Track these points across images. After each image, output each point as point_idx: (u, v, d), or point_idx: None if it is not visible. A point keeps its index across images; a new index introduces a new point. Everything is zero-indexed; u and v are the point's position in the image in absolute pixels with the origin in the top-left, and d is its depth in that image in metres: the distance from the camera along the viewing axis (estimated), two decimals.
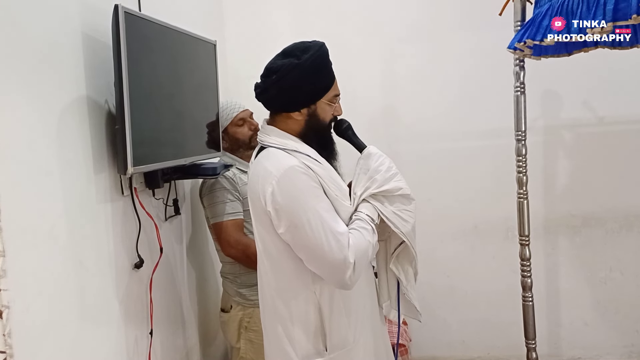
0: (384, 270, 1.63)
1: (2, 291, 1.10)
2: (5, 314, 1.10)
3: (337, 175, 1.47)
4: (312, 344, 1.43)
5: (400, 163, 1.62)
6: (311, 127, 1.47)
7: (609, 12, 1.40)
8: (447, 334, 3.00)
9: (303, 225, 1.33)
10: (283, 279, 1.45)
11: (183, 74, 1.91)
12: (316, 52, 1.41)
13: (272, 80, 1.41)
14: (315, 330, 1.43)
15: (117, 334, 1.61)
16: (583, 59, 2.03)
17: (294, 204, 1.34)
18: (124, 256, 1.67)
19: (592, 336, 2.87)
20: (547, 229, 2.85)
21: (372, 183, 1.47)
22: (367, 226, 1.41)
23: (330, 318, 1.43)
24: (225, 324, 2.15)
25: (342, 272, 1.33)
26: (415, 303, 1.61)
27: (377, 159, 1.50)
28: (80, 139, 1.45)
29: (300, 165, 1.37)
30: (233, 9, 2.97)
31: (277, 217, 1.35)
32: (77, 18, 1.47)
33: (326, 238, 1.32)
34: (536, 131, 2.75)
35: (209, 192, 2.05)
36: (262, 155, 1.45)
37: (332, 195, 1.40)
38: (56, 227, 1.33)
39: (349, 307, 1.45)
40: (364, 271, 1.43)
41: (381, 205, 1.46)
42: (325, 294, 1.42)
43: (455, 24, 2.82)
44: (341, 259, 1.32)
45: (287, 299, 1.44)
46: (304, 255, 1.37)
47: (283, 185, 1.34)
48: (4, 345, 1.11)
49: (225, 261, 2.14)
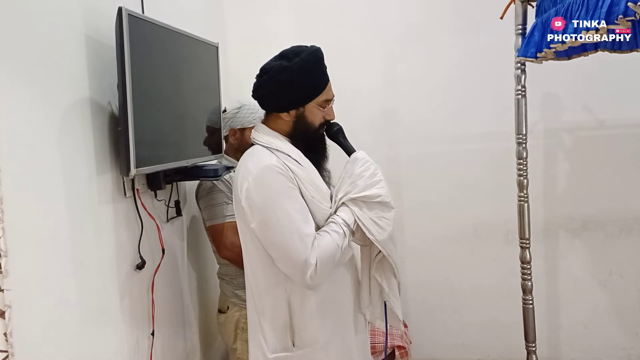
0: (367, 277, 1.63)
1: (5, 291, 1.11)
2: (7, 314, 1.11)
3: (318, 178, 1.50)
4: (279, 338, 1.48)
5: (400, 165, 1.63)
6: (298, 129, 1.51)
7: (602, 14, 1.41)
8: (447, 337, 3.00)
9: (272, 222, 1.38)
10: (257, 272, 1.50)
11: (185, 76, 1.92)
12: (307, 56, 1.45)
13: (263, 80, 1.47)
14: (283, 326, 1.47)
15: (118, 335, 1.62)
16: (583, 62, 2.04)
17: (265, 202, 1.39)
18: (126, 257, 1.68)
19: (591, 339, 2.87)
20: (547, 232, 2.86)
21: (353, 187, 1.49)
22: (340, 230, 1.44)
23: (301, 316, 1.46)
24: (223, 324, 2.15)
25: (302, 272, 1.37)
26: (397, 311, 1.62)
27: (363, 164, 1.52)
28: (83, 141, 1.46)
29: (277, 165, 1.41)
30: (235, 11, 2.98)
31: (250, 213, 1.41)
32: (81, 20, 1.48)
33: (291, 237, 1.37)
34: (537, 134, 2.76)
35: (205, 195, 2.06)
36: (247, 153, 1.51)
37: (307, 196, 1.44)
38: (58, 227, 1.33)
39: (322, 308, 1.49)
40: (330, 273, 1.45)
41: (359, 211, 1.48)
42: (296, 292, 1.46)
43: (455, 26, 2.83)
44: (302, 260, 1.36)
45: (260, 292, 1.50)
46: (271, 252, 1.43)
47: (258, 183, 1.39)
48: (6, 344, 1.11)
49: (221, 263, 2.14)
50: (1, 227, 1.08)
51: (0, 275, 1.09)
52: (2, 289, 1.10)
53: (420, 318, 3.00)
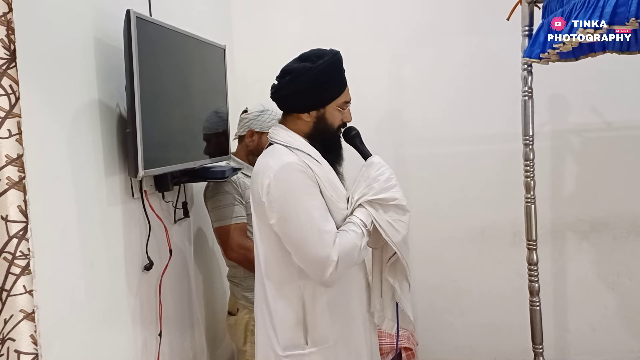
0: (378, 278, 1.65)
1: (33, 292, 1.11)
2: (36, 315, 1.11)
3: (335, 178, 1.52)
4: (293, 336, 1.48)
5: (406, 167, 1.64)
6: (318, 130, 1.53)
7: (606, 15, 1.41)
8: (454, 338, 2.99)
9: (292, 219, 1.39)
10: (272, 268, 1.50)
11: (192, 78, 1.93)
12: (330, 58, 1.48)
13: (286, 81, 1.48)
14: (297, 323, 1.48)
15: (126, 336, 1.63)
16: (591, 63, 2.03)
17: (286, 198, 1.40)
18: (134, 258, 1.69)
19: (599, 341, 2.85)
20: (555, 233, 2.84)
21: (369, 190, 1.51)
22: (358, 229, 1.46)
23: (313, 314, 1.47)
24: (232, 326, 2.16)
25: (323, 268, 1.38)
26: (408, 312, 1.64)
27: (379, 168, 1.55)
28: (92, 142, 1.47)
29: (299, 163, 1.43)
30: (241, 13, 2.99)
31: (270, 209, 1.42)
32: (90, 23, 1.50)
33: (311, 234, 1.38)
34: (544, 136, 2.75)
35: (212, 196, 2.06)
36: (267, 151, 1.53)
37: (327, 195, 1.46)
38: (68, 228, 1.35)
39: (333, 307, 1.50)
40: (347, 271, 1.46)
41: (375, 212, 1.50)
42: (309, 289, 1.47)
43: (462, 28, 2.82)
44: (324, 256, 1.37)
45: (273, 289, 1.50)
46: (290, 248, 1.43)
47: (279, 179, 1.40)
48: (35, 347, 1.11)
49: (230, 265, 2.15)
50: (29, 229, 1.10)
51: (29, 277, 1.09)
52: (30, 290, 1.10)
53: (427, 320, 2.99)
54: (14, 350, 1.08)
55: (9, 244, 1.06)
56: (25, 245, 1.08)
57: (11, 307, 1.07)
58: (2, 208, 1.06)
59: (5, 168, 1.05)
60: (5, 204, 1.06)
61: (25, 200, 1.09)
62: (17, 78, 1.07)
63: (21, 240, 1.08)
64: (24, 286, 1.08)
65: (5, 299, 1.07)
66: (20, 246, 1.08)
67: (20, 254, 1.08)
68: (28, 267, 1.09)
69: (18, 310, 1.07)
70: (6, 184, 1.06)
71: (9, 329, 1.07)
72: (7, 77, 1.05)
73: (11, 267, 1.07)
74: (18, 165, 1.07)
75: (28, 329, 1.09)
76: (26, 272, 1.08)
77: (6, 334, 1.07)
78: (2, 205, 1.06)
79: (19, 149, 1.08)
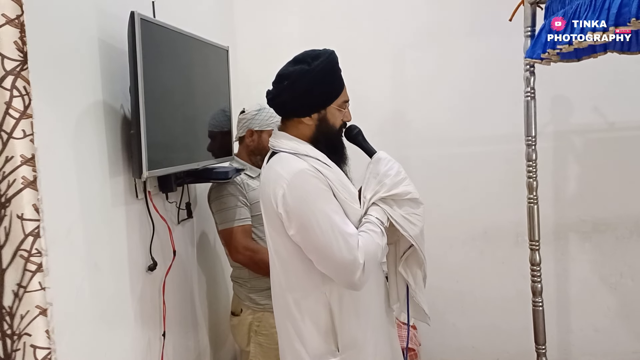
0: (394, 273, 1.65)
1: (46, 289, 1.13)
2: (49, 311, 1.14)
3: (346, 179, 1.50)
4: (323, 343, 1.46)
5: (409, 168, 1.64)
6: (321, 132, 1.51)
7: (612, 16, 1.41)
8: (456, 339, 2.99)
9: (313, 226, 1.36)
10: (293, 279, 1.48)
11: (196, 79, 1.93)
12: (326, 59, 1.46)
13: (284, 86, 1.45)
14: (326, 330, 1.45)
15: (130, 336, 1.63)
16: (593, 64, 2.03)
17: (304, 206, 1.37)
18: (138, 259, 1.70)
19: (602, 342, 2.85)
20: (557, 234, 2.84)
21: (381, 187, 1.50)
22: (377, 229, 1.44)
23: (341, 318, 1.45)
24: (236, 327, 2.16)
25: (351, 272, 1.36)
26: (424, 306, 1.64)
27: (387, 163, 1.54)
28: (96, 143, 1.48)
29: (310, 169, 1.40)
30: (244, 15, 3.00)
31: (288, 219, 1.39)
32: (94, 25, 1.50)
33: (335, 239, 1.35)
34: (546, 136, 2.75)
35: (217, 198, 2.06)
36: (274, 160, 1.49)
37: (341, 198, 1.43)
38: (73, 229, 1.35)
39: (359, 308, 1.48)
40: (373, 272, 1.45)
41: (390, 209, 1.49)
42: (335, 294, 1.45)
43: (464, 29, 2.83)
44: (351, 260, 1.35)
45: (297, 299, 1.47)
46: (314, 256, 1.40)
47: (293, 187, 1.38)
48: (49, 342, 1.14)
49: (234, 266, 2.15)
50: (42, 227, 1.11)
51: (42, 274, 1.11)
52: (44, 287, 1.12)
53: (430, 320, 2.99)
54: (30, 345, 1.10)
55: (25, 242, 1.09)
56: (39, 243, 1.11)
57: (27, 303, 1.10)
58: (18, 207, 1.08)
59: (20, 167, 1.08)
60: (22, 202, 1.08)
61: (38, 199, 1.11)
62: (29, 79, 1.08)
63: (36, 239, 1.11)
64: (40, 283, 1.11)
65: (22, 295, 1.09)
66: (36, 244, 1.10)
67: (36, 252, 1.10)
68: (42, 264, 1.11)
69: (34, 306, 1.10)
70: (21, 184, 1.08)
71: (25, 324, 1.10)
72: (20, 79, 1.07)
73: (27, 264, 1.09)
74: (32, 165, 1.10)
75: (43, 325, 1.12)
76: (41, 269, 1.11)
77: (22, 329, 1.10)
78: (18, 204, 1.08)
79: (32, 149, 1.10)
